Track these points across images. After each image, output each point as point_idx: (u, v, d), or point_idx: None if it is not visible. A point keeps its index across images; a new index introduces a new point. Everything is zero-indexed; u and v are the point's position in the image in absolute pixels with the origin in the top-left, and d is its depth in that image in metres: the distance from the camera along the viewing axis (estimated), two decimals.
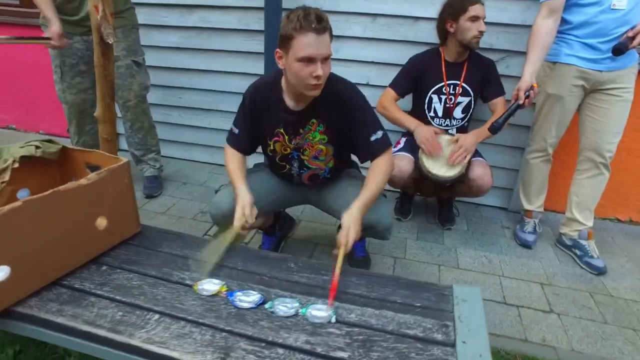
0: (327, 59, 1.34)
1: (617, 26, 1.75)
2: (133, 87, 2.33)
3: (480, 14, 1.92)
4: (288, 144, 1.61)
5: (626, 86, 1.88)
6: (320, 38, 1.28)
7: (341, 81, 1.55)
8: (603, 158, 1.97)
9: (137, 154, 2.56)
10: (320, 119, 1.55)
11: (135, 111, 2.40)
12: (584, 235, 2.10)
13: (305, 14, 1.28)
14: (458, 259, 2.09)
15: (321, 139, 1.59)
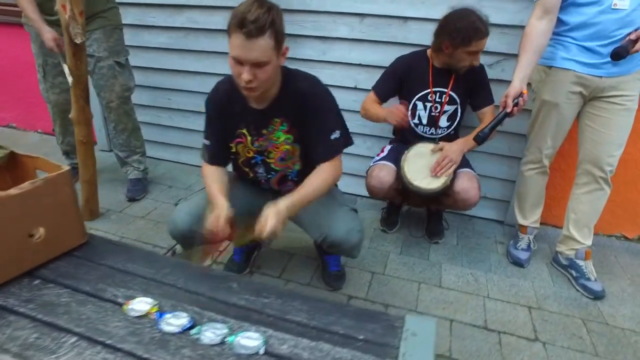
0: (263, 65, 1.24)
1: (618, 28, 1.58)
2: (115, 88, 2.29)
3: (480, 49, 1.79)
4: (250, 146, 1.53)
5: (629, 94, 1.71)
6: (250, 42, 1.18)
7: (307, 79, 1.46)
8: (603, 172, 1.81)
9: (121, 156, 2.53)
10: (284, 117, 1.46)
11: (118, 112, 2.36)
12: (581, 255, 1.94)
13: (244, 11, 1.18)
14: (442, 276, 1.95)
15: (286, 138, 1.50)
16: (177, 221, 1.51)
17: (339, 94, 2.34)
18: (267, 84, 1.32)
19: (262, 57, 1.22)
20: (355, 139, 2.43)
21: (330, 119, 1.45)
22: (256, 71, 1.24)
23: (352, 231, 1.47)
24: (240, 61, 1.23)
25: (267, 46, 1.22)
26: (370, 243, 2.17)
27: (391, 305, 1.76)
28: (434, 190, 1.84)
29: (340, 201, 1.56)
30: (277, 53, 1.27)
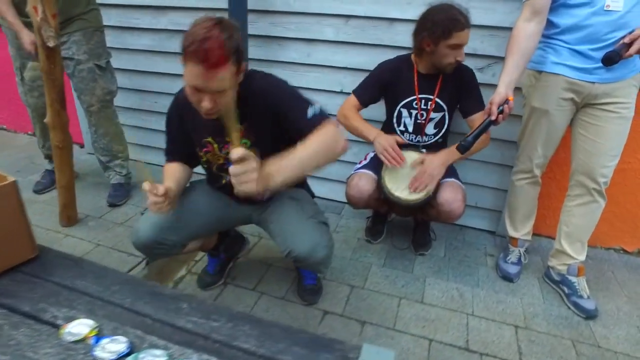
0: (225, 91, 1.15)
1: (611, 30, 1.47)
2: (96, 91, 2.23)
3: (463, 42, 1.68)
4: (219, 153, 1.46)
5: (624, 101, 1.60)
6: (211, 73, 1.09)
7: (261, 77, 1.35)
8: (596, 184, 1.70)
9: (103, 160, 2.47)
10: (245, 122, 1.36)
11: (99, 116, 2.30)
12: (573, 271, 1.83)
13: (204, 38, 1.06)
14: (425, 291, 1.85)
15: (243, 143, 1.41)
16: (140, 232, 1.43)
17: (324, 99, 2.30)
18: (227, 105, 1.21)
19: (223, 86, 1.14)
20: None
21: (299, 100, 1.31)
22: (217, 97, 1.16)
23: (317, 247, 1.38)
24: (199, 89, 1.15)
25: (229, 74, 1.14)
26: (353, 254, 2.08)
27: (368, 322, 1.67)
28: (416, 202, 1.75)
29: (310, 213, 1.47)
30: (237, 75, 1.20)
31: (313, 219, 1.45)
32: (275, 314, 1.70)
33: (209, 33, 1.08)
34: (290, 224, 1.44)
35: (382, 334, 1.61)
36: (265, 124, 1.35)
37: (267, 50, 2.32)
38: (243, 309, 1.72)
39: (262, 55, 2.34)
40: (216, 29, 1.10)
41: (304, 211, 1.47)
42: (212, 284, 1.83)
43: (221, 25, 1.12)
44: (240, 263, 1.98)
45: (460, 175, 2.20)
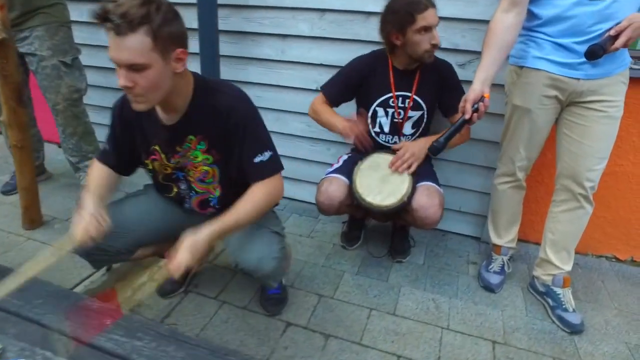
0: (141, 69, 1.04)
1: (596, 22, 1.35)
2: (61, 89, 2.13)
3: (430, 22, 1.55)
4: (167, 162, 1.35)
5: (612, 99, 1.47)
6: (119, 40, 1.00)
7: (227, 92, 1.27)
8: (582, 188, 1.57)
9: (73, 161, 2.37)
10: (201, 135, 1.28)
11: (65, 115, 2.20)
12: (559, 282, 1.70)
13: (117, 4, 0.99)
14: (398, 301, 1.74)
15: (204, 159, 1.32)
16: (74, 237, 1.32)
17: (300, 97, 2.19)
18: (153, 94, 1.11)
19: (134, 58, 1.03)
20: (318, 145, 2.29)
21: (255, 140, 1.27)
22: (134, 76, 1.05)
23: (265, 259, 1.28)
24: (115, 62, 1.05)
25: (140, 45, 1.02)
26: (326, 261, 1.97)
27: (333, 335, 1.55)
28: (389, 208, 1.63)
29: (262, 222, 1.36)
30: (161, 56, 1.07)
31: (265, 228, 1.34)
32: (235, 324, 1.59)
33: (125, 1, 1.01)
34: (238, 234, 1.33)
35: (346, 349, 1.49)
36: (225, 144, 1.27)
37: (241, 47, 2.22)
38: (202, 319, 1.61)
39: (236, 52, 2.23)
40: (134, 1, 1.01)
41: None
42: (172, 292, 1.72)
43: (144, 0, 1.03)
44: (205, 270, 1.87)
45: (443, 178, 2.10)
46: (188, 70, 1.21)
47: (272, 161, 1.28)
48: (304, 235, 2.17)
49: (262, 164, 1.26)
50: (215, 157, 1.32)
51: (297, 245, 2.08)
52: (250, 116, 1.27)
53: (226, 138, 1.26)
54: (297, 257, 1.99)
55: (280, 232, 1.39)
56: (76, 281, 1.78)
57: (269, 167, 1.27)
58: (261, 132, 1.30)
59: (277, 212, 2.35)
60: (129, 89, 1.07)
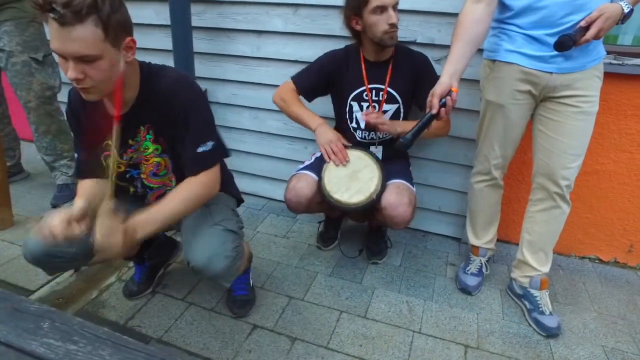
0: (92, 60, 0.99)
1: (567, 13, 1.30)
2: (33, 86, 2.09)
3: (386, 2, 1.51)
4: (120, 159, 1.30)
5: (586, 94, 1.41)
6: (66, 31, 0.94)
7: (170, 77, 1.21)
8: (558, 187, 1.52)
9: (48, 160, 2.33)
10: (149, 124, 1.24)
11: (38, 113, 2.17)
12: (536, 284, 1.64)
13: None
14: (370, 304, 1.68)
15: (154, 149, 1.28)
16: (30, 244, 1.26)
17: None
18: (105, 84, 1.07)
19: (85, 49, 0.97)
20: (296, 143, 2.25)
21: (199, 127, 1.22)
22: (85, 68, 1.00)
23: (215, 257, 1.23)
24: (62, 55, 0.99)
25: (91, 36, 0.97)
26: (300, 261, 1.92)
27: (299, 339, 1.50)
28: (357, 205, 1.58)
29: (217, 219, 1.31)
30: (112, 46, 1.02)
31: (219, 225, 1.29)
32: (200, 327, 1.54)
33: None
34: (191, 231, 1.28)
35: (312, 353, 1.44)
36: (171, 131, 1.23)
37: (216, 44, 2.17)
38: (167, 320, 1.57)
39: (211, 49, 2.19)
40: None
41: (211, 217, 1.31)
42: (138, 293, 1.68)
43: None
44: (174, 270, 1.83)
45: (421, 177, 2.06)
46: (136, 59, 1.16)
47: (213, 152, 1.23)
48: (280, 235, 2.12)
49: (204, 154, 1.22)
50: (164, 145, 1.28)
51: (271, 245, 2.04)
52: (193, 101, 1.21)
53: (170, 124, 1.21)
54: (271, 258, 1.94)
55: (236, 231, 1.34)
56: (42, 282, 1.74)
57: (210, 159, 1.23)
58: (206, 119, 1.24)
59: (254, 211, 2.34)
60: (80, 80, 1.02)
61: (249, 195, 2.46)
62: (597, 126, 1.74)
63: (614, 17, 1.21)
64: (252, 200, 2.43)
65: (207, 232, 1.26)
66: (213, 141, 1.23)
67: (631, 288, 1.85)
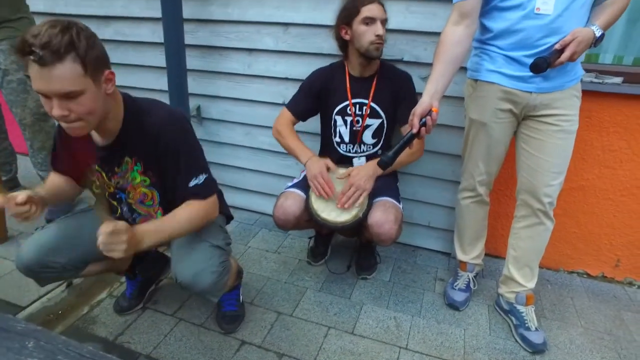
0: (75, 96, 1.02)
1: (544, 35, 1.34)
2: (28, 104, 2.13)
3: (375, 15, 1.57)
4: (109, 182, 1.34)
5: (566, 113, 1.45)
6: (46, 71, 0.97)
7: (155, 114, 1.24)
8: (541, 204, 1.54)
9: (43, 175, 2.36)
10: (136, 157, 1.28)
11: (33, 130, 2.20)
12: (522, 300, 1.66)
13: (34, 34, 0.96)
14: (358, 320, 1.70)
15: (142, 180, 1.32)
16: (23, 254, 1.31)
17: (268, 111, 2.18)
18: (91, 118, 1.10)
19: (67, 86, 1.00)
20: (287, 159, 2.28)
21: (189, 165, 1.26)
22: (69, 104, 1.03)
23: (202, 273, 1.25)
24: (45, 94, 1.02)
25: (71, 73, 1.00)
26: (289, 277, 1.94)
27: (287, 354, 1.51)
28: (344, 224, 1.60)
29: (203, 235, 1.33)
30: (93, 80, 1.05)
31: (205, 241, 1.32)
32: (189, 343, 1.56)
33: (40, 28, 0.98)
34: (178, 247, 1.32)
35: None
36: (160, 167, 1.27)
37: (208, 61, 2.22)
38: (156, 336, 1.58)
39: (203, 66, 2.24)
40: (46, 26, 0.98)
41: (198, 234, 1.33)
42: (128, 309, 1.70)
43: (52, 22, 1.00)
44: (165, 285, 1.84)
45: (410, 193, 2.08)
46: (118, 91, 1.20)
47: (206, 184, 1.28)
48: (271, 250, 2.14)
49: (197, 187, 1.26)
50: (152, 179, 1.32)
51: (262, 260, 2.05)
52: (181, 139, 1.25)
53: (159, 161, 1.26)
54: (261, 273, 1.96)
55: (222, 246, 1.36)
56: (33, 298, 1.76)
57: (204, 190, 1.27)
58: (195, 154, 1.29)
59: (247, 226, 2.36)
60: (65, 117, 1.05)
61: (242, 210, 2.49)
62: (581, 142, 1.79)
63: (586, 41, 1.25)
64: (244, 215, 2.45)
65: (194, 248, 1.29)
66: (205, 174, 1.27)
67: (618, 303, 1.86)
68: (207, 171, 1.30)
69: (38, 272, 1.35)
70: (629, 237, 1.90)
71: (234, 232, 2.27)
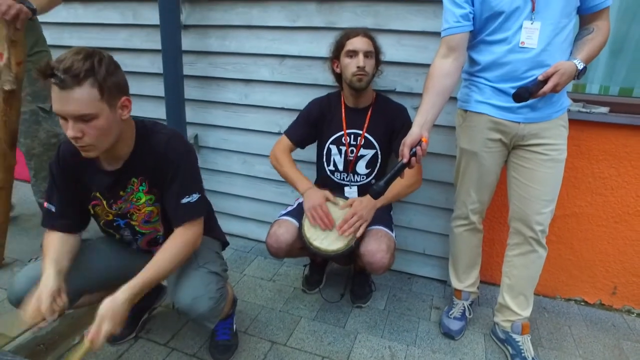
0: (89, 120, 1.09)
1: (529, 68, 1.38)
2: (39, 134, 2.17)
3: (357, 47, 1.63)
4: (108, 209, 1.36)
5: (553, 142, 1.48)
6: (65, 93, 1.04)
7: (163, 136, 1.30)
8: (533, 232, 1.55)
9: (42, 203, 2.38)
10: (143, 176, 1.31)
11: (41, 160, 2.23)
12: (517, 329, 1.64)
13: (59, 59, 1.04)
14: (353, 349, 1.68)
15: (148, 199, 1.34)
16: (15, 287, 1.30)
17: (264, 139, 2.22)
18: (103, 141, 1.15)
19: (83, 109, 1.07)
20: (283, 187, 2.30)
21: (185, 181, 1.29)
22: (82, 126, 1.09)
23: (200, 299, 1.26)
24: (62, 115, 1.09)
25: (88, 97, 1.07)
26: (284, 305, 1.92)
27: None
28: (336, 252, 1.61)
29: (202, 262, 1.35)
30: (108, 105, 1.12)
31: (203, 268, 1.33)
32: None
33: (66, 54, 1.06)
34: (176, 274, 1.32)
35: None
36: (164, 181, 1.30)
37: (206, 91, 2.28)
38: None
39: (202, 96, 2.29)
40: (71, 52, 1.07)
41: (196, 260, 1.35)
42: (121, 338, 1.68)
43: (78, 49, 1.08)
44: (159, 314, 1.83)
45: (405, 221, 2.09)
46: (131, 117, 1.24)
47: (197, 204, 1.30)
48: (266, 278, 2.13)
49: (188, 205, 1.28)
50: (157, 195, 1.34)
51: (257, 289, 2.05)
52: (185, 155, 1.30)
53: (164, 175, 1.29)
54: (256, 302, 1.95)
55: (220, 273, 1.38)
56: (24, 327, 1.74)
57: (194, 210, 1.29)
58: (193, 172, 1.33)
59: (243, 253, 2.36)
60: (78, 139, 1.11)
61: (238, 237, 2.49)
62: (572, 170, 1.82)
63: (568, 74, 1.29)
64: (240, 243, 2.46)
65: (191, 275, 1.31)
66: (198, 194, 1.30)
67: (617, 332, 1.84)
68: (201, 191, 1.33)
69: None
70: (623, 263, 1.90)
71: (229, 259, 2.26)
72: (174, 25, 2.06)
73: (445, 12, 1.45)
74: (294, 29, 2.01)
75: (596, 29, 1.37)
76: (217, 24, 2.13)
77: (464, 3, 1.41)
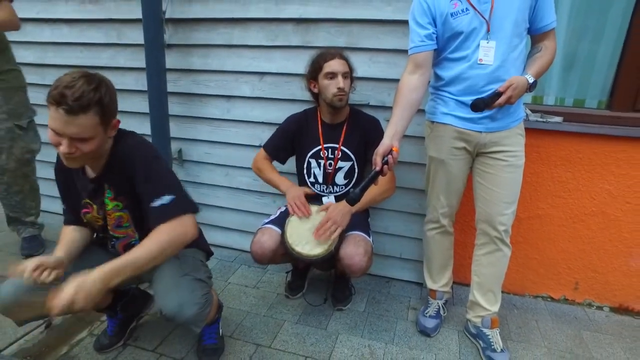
0: (86, 140, 1.19)
1: (487, 83, 1.53)
2: (14, 150, 2.22)
3: (336, 70, 1.75)
4: (97, 215, 1.44)
5: (512, 149, 1.62)
6: (70, 118, 1.13)
7: (125, 141, 1.37)
8: (497, 232, 1.68)
9: (12, 216, 2.41)
10: (108, 183, 1.39)
11: (15, 175, 2.28)
12: (487, 323, 1.76)
13: (68, 85, 1.12)
14: (334, 349, 1.76)
15: (114, 206, 1.42)
16: (1, 294, 1.35)
17: (245, 152, 2.32)
18: (90, 156, 1.26)
19: (83, 133, 1.18)
20: (264, 198, 2.39)
21: (150, 184, 1.31)
22: (78, 144, 1.19)
23: (186, 305, 1.33)
24: (59, 134, 1.17)
25: (90, 123, 1.17)
26: (268, 310, 2.00)
27: None
28: (317, 257, 1.70)
29: (187, 269, 1.42)
30: (104, 128, 1.23)
31: (188, 275, 1.40)
32: None
33: (73, 82, 1.14)
34: (162, 282, 1.38)
35: None
36: (130, 189, 1.35)
37: (189, 107, 2.37)
38: None
39: (185, 112, 2.38)
40: (81, 80, 1.15)
41: (181, 268, 1.41)
42: (109, 347, 1.73)
43: (88, 78, 1.17)
44: (146, 322, 1.88)
45: (382, 226, 2.20)
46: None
47: (175, 204, 1.29)
48: (250, 286, 2.21)
49: (162, 208, 1.27)
50: (124, 202, 1.41)
51: (242, 296, 2.12)
52: (147, 161, 1.32)
53: (129, 183, 1.34)
54: (241, 308, 2.02)
55: (204, 280, 1.45)
56: (11, 340, 1.77)
57: (171, 210, 1.28)
58: (160, 175, 1.33)
59: (227, 263, 2.43)
60: (71, 154, 1.20)
61: (222, 248, 2.56)
62: (533, 175, 1.96)
63: (520, 87, 1.44)
64: (224, 253, 2.52)
65: (177, 282, 1.37)
66: (171, 194, 1.29)
67: (578, 323, 1.98)
68: (176, 192, 1.31)
69: (17, 313, 1.39)
70: (583, 260, 2.05)
71: (214, 269, 2.33)
72: (157, 44, 2.15)
73: (411, 32, 1.59)
74: (273, 48, 2.13)
75: (544, 47, 1.53)
76: (200, 44, 2.23)
77: (427, 24, 1.55)
